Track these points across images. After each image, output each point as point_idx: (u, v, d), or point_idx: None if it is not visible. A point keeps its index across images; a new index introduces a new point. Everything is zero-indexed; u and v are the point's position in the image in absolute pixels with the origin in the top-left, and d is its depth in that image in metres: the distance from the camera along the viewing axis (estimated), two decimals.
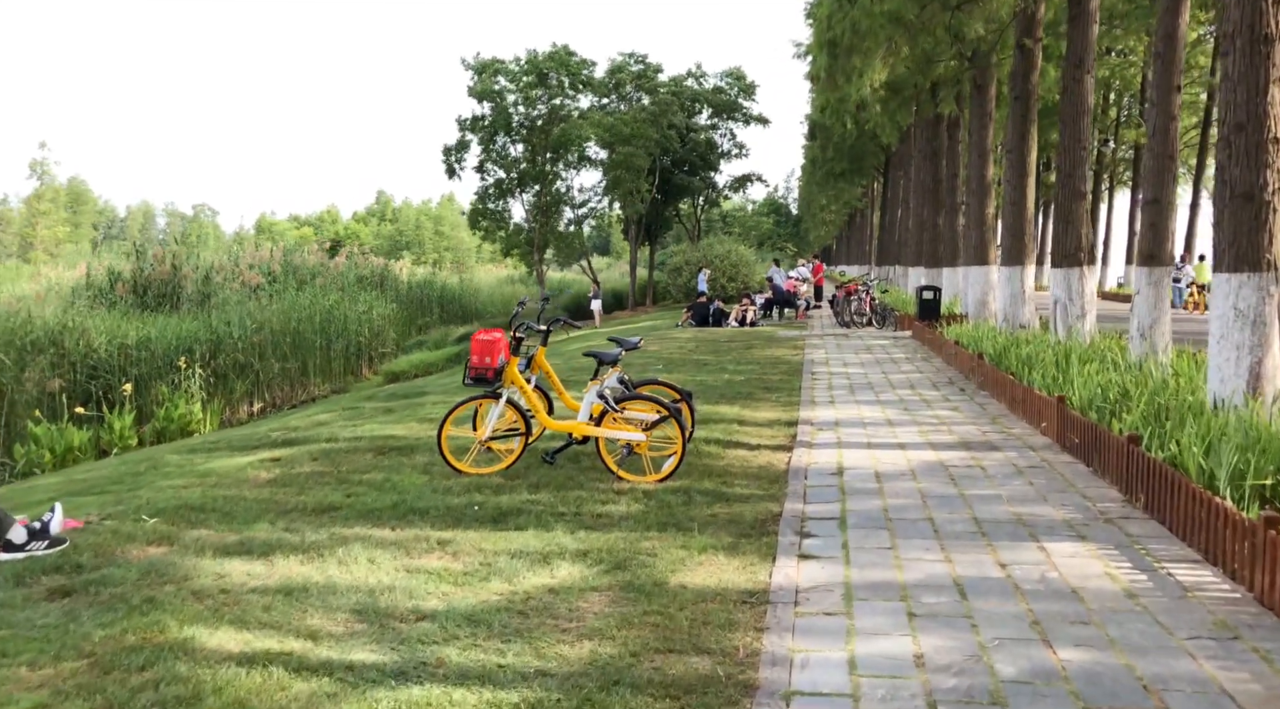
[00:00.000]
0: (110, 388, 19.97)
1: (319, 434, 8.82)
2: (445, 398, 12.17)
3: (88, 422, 17.90)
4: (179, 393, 20.15)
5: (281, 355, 27.32)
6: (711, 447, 8.01)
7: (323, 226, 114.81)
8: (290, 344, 27.83)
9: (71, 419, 17.56)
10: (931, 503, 6.09)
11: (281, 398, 26.87)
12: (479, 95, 34.08)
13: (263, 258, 35.27)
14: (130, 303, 25.30)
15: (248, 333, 24.57)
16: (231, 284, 31.66)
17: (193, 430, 19.20)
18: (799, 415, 9.75)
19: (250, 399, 24.41)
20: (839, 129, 37.51)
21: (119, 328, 21.72)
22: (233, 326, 24.22)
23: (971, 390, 11.41)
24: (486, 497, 6.19)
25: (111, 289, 25.25)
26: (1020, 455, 7.57)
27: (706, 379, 12.80)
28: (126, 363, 20.74)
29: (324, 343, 29.27)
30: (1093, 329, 12.68)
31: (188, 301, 26.91)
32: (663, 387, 7.65)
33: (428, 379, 21.20)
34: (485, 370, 6.69)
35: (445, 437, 6.80)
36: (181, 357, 20.63)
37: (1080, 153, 12.63)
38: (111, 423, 17.52)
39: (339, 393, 27.99)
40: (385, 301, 35.06)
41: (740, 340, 19.42)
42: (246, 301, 29.25)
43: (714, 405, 10.41)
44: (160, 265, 25.83)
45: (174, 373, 20.60)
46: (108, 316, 22.81)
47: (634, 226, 43.64)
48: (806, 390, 11.68)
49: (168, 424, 19.18)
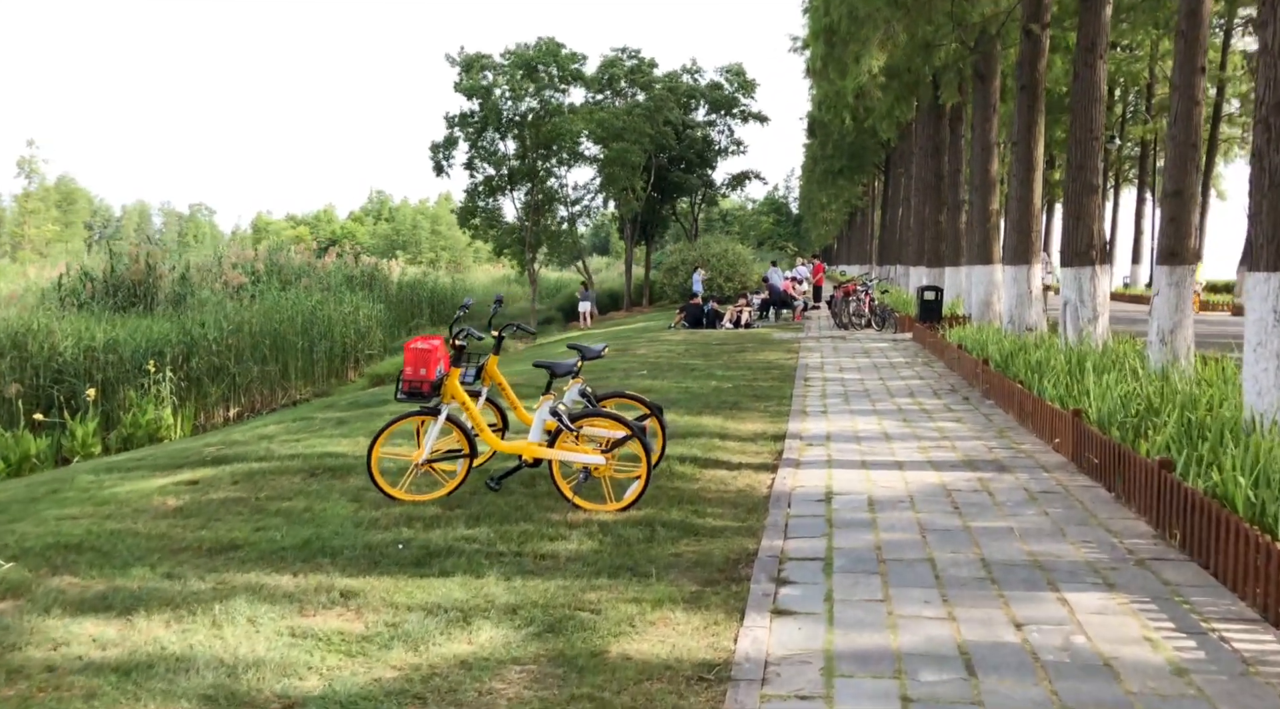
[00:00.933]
0: (75, 393, 19.13)
1: (254, 451, 7.98)
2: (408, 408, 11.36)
3: (49, 428, 17.09)
4: (147, 398, 19.32)
5: (261, 358, 26.48)
6: (686, 466, 7.17)
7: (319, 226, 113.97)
8: (270, 346, 26.99)
9: (29, 426, 16.73)
10: (932, 538, 5.24)
11: (261, 402, 26.04)
12: (466, 91, 33.20)
13: (247, 257, 34.42)
14: (103, 304, 24.47)
15: (224, 334, 23.74)
16: (214, 284, 30.87)
17: (163, 436, 18.37)
18: (787, 428, 8.90)
19: (226, 403, 23.58)
20: (838, 125, 36.72)
21: (86, 330, 20.88)
22: (208, 328, 23.37)
23: (976, 399, 10.56)
24: (416, 531, 5.35)
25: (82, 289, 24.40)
26: (1032, 477, 6.72)
27: (691, 386, 11.96)
28: (92, 367, 19.89)
29: (306, 344, 28.42)
30: (1105, 333, 11.83)
31: (163, 302, 26.05)
32: (630, 400, 6.81)
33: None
34: (420, 383, 5.85)
35: (377, 458, 5.96)
36: (150, 359, 19.79)
37: (1092, 143, 11.78)
38: (73, 429, 16.70)
39: (321, 396, 27.17)
40: (373, 302, 34.25)
41: (733, 343, 18.58)
42: (226, 302, 28.44)
43: (695, 416, 9.56)
44: (135, 265, 24.94)
45: (143, 377, 19.76)
46: (77, 318, 21.98)
47: (629, 225, 42.78)
48: (798, 399, 10.83)
49: (135, 431, 18.35)
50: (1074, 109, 11.99)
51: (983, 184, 17.62)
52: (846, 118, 33.42)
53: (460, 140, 33.88)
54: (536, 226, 35.65)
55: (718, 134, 44.77)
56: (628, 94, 41.42)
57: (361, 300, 33.79)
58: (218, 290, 29.99)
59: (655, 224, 47.09)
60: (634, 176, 38.23)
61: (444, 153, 33.82)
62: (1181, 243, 9.25)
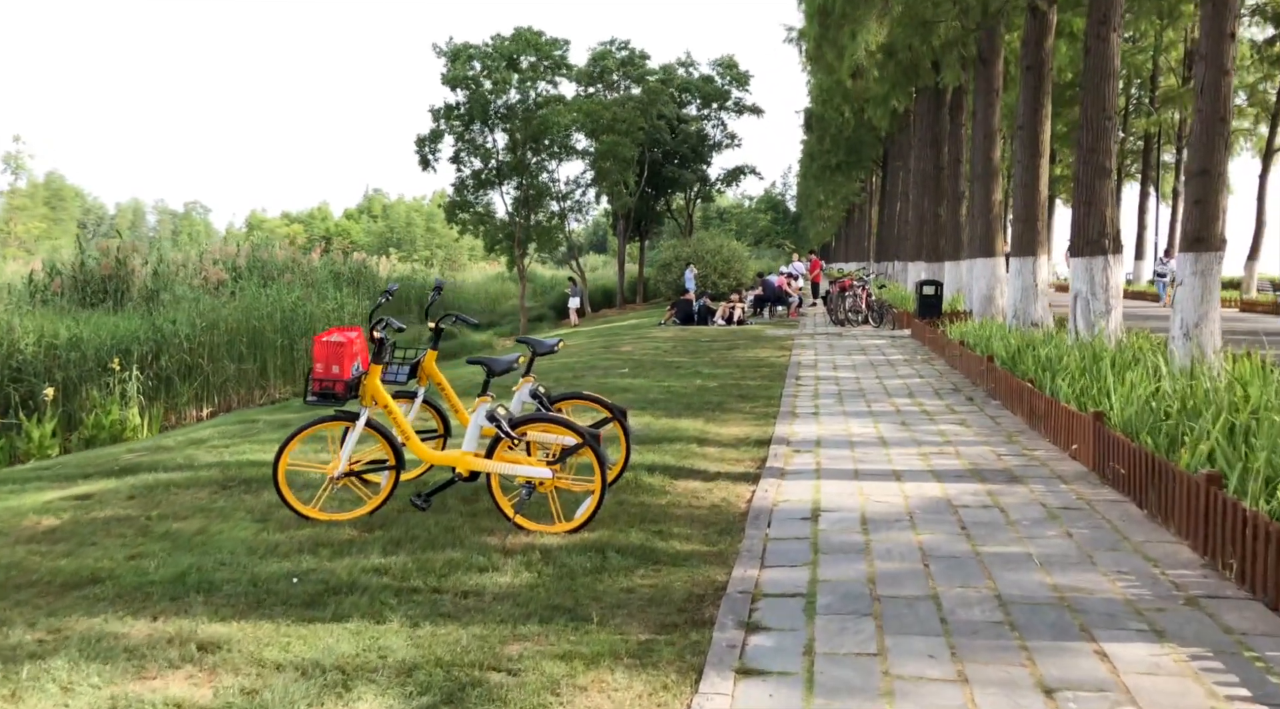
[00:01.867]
0: (34, 393, 18.25)
1: (172, 459, 7.11)
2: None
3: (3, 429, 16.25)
4: (110, 398, 18.44)
5: (237, 356, 25.61)
6: (655, 477, 6.30)
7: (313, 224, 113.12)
8: (248, 344, 26.10)
9: None
10: (937, 569, 4.38)
11: (238, 401, 25.15)
12: (451, 82, 32.24)
13: (229, 253, 33.52)
14: (71, 300, 23.57)
15: (197, 332, 22.86)
16: (193, 280, 30.00)
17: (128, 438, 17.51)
18: (774, 432, 8.04)
19: (199, 403, 22.70)
20: (836, 118, 35.90)
21: (48, 327, 19.99)
22: (179, 325, 22.47)
23: (981, 399, 9.70)
24: (320, 560, 4.48)
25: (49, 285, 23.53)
26: (1049, 490, 5.86)
27: (674, 385, 11.10)
28: (54, 365, 19.01)
29: (286, 342, 27.55)
30: (1119, 327, 10.97)
31: (135, 299, 25.14)
32: (589, 402, 5.93)
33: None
34: (333, 383, 4.98)
35: (285, 469, 5.09)
36: (115, 358, 18.91)
37: (1105, 124, 10.92)
38: (29, 430, 15.84)
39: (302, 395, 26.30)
40: (359, 299, 33.38)
41: (723, 340, 17.72)
42: (203, 298, 27.57)
43: (673, 419, 8.70)
44: (105, 259, 24.06)
45: (107, 375, 18.88)
46: (41, 315, 21.10)
47: (622, 221, 41.91)
48: (788, 399, 9.97)
49: (97, 432, 17.49)
50: (1085, 87, 11.13)
51: (985, 173, 16.77)
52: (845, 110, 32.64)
53: (446, 133, 32.94)
54: (527, 222, 34.75)
55: (712, 128, 43.93)
56: (620, 87, 40.55)
57: (347, 297, 32.95)
58: (197, 287, 29.13)
59: (649, 220, 46.23)
60: (626, 170, 37.33)
61: (429, 146, 32.88)
62: (1208, 227, 8.40)
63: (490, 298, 47.69)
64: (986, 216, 16.70)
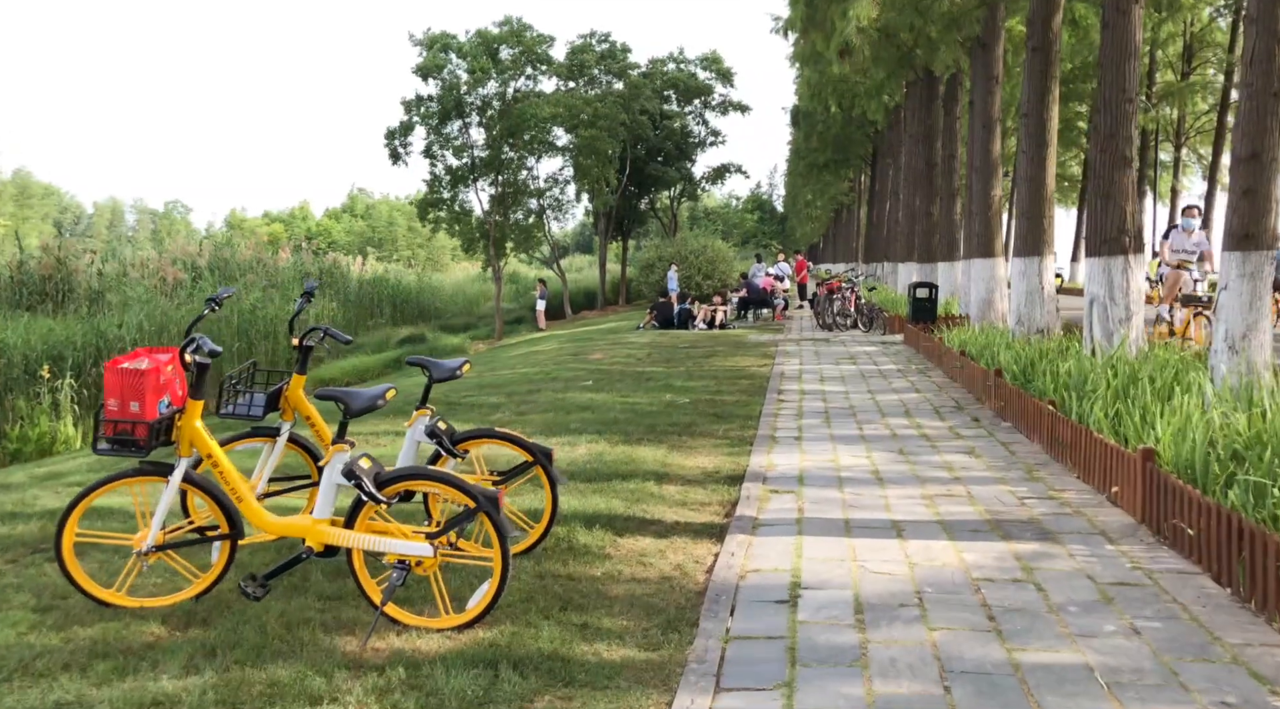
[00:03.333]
0: None
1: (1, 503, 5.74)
2: None
3: None
4: (39, 408, 17.01)
5: None
6: (596, 532, 5.00)
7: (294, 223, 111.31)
8: None
9: None
10: (962, 694, 3.09)
11: None
12: (424, 71, 30.80)
13: (189, 252, 32.02)
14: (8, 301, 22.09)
15: (143, 336, 21.44)
16: (150, 280, 28.52)
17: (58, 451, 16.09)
18: (749, 464, 6.74)
19: None
20: (823, 114, 34.69)
21: None
22: (124, 329, 21.04)
23: (989, 421, 8.43)
24: (86, 684, 3.15)
25: None
26: (1094, 553, 4.58)
27: (640, 402, 9.80)
28: None
29: (244, 347, 26.14)
30: (1140, 336, 9.74)
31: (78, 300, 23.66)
32: (504, 442, 4.59)
33: None
34: (131, 426, 3.66)
35: (72, 542, 3.77)
36: (45, 365, 17.50)
37: (1125, 107, 9.68)
38: None
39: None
40: (327, 300, 31.93)
41: (703, 346, 16.43)
42: (159, 300, 26.12)
43: (633, 446, 7.39)
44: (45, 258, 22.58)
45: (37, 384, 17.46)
46: None
47: (603, 220, 40.59)
48: (767, 419, 8.68)
49: (23, 445, 16.07)
50: (1103, 67, 9.89)
51: (984, 166, 15.53)
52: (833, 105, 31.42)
53: (418, 126, 31.51)
54: (504, 220, 33.37)
55: (696, 125, 42.66)
56: (602, 82, 39.22)
57: (316, 299, 31.52)
58: (153, 287, 27.65)
59: (632, 219, 44.92)
60: (606, 167, 36.01)
61: (400, 139, 31.45)
62: (1259, 222, 7.15)
63: (468, 299, 46.23)
64: (986, 213, 15.46)
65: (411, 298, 40.04)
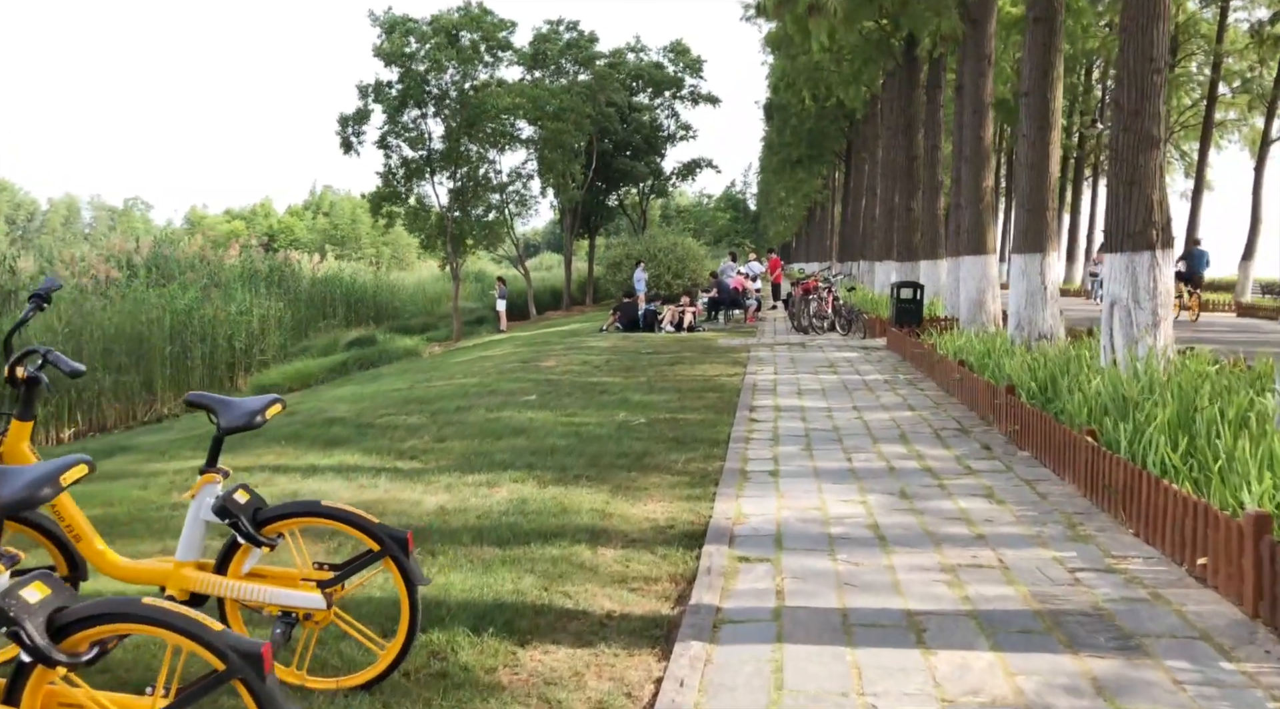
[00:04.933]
0: None
1: None
2: (148, 460, 7.57)
3: None
4: None
5: (116, 367, 22.33)
6: (489, 641, 3.50)
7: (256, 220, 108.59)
8: (128, 352, 22.83)
9: None
10: None
11: (115, 418, 21.90)
12: (386, 57, 29.01)
13: (124, 249, 30.03)
14: None
15: (58, 338, 19.65)
16: (82, 278, 26.57)
17: None
18: (712, 515, 5.27)
19: (58, 422, 19.44)
20: (796, 105, 33.38)
21: None
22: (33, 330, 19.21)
23: (1001, 448, 7.02)
24: None
25: None
26: (1207, 677, 3.15)
27: (588, 423, 8.30)
28: None
29: (178, 350, 24.29)
30: (1169, 346, 8.39)
31: None
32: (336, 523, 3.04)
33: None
34: None
35: None
36: None
37: (1153, 78, 8.32)
38: None
39: None
40: (274, 300, 30.05)
41: (669, 352, 14.97)
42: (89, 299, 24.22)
43: (567, 487, 5.89)
44: None
45: None
46: None
47: (569, 216, 39.00)
48: (737, 445, 7.22)
49: None
50: (1126, 32, 8.53)
51: (975, 154, 14.20)
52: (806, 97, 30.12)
53: (373, 114, 29.71)
54: (463, 216, 31.66)
55: (665, 118, 41.20)
56: (570, 72, 37.62)
57: (263, 298, 29.64)
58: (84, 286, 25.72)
59: (600, 216, 43.37)
60: (572, 161, 34.43)
61: (353, 127, 29.62)
62: None
63: (429, 299, 44.33)
64: (976, 206, 14.12)
65: (367, 297, 38.20)
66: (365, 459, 6.91)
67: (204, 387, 25.29)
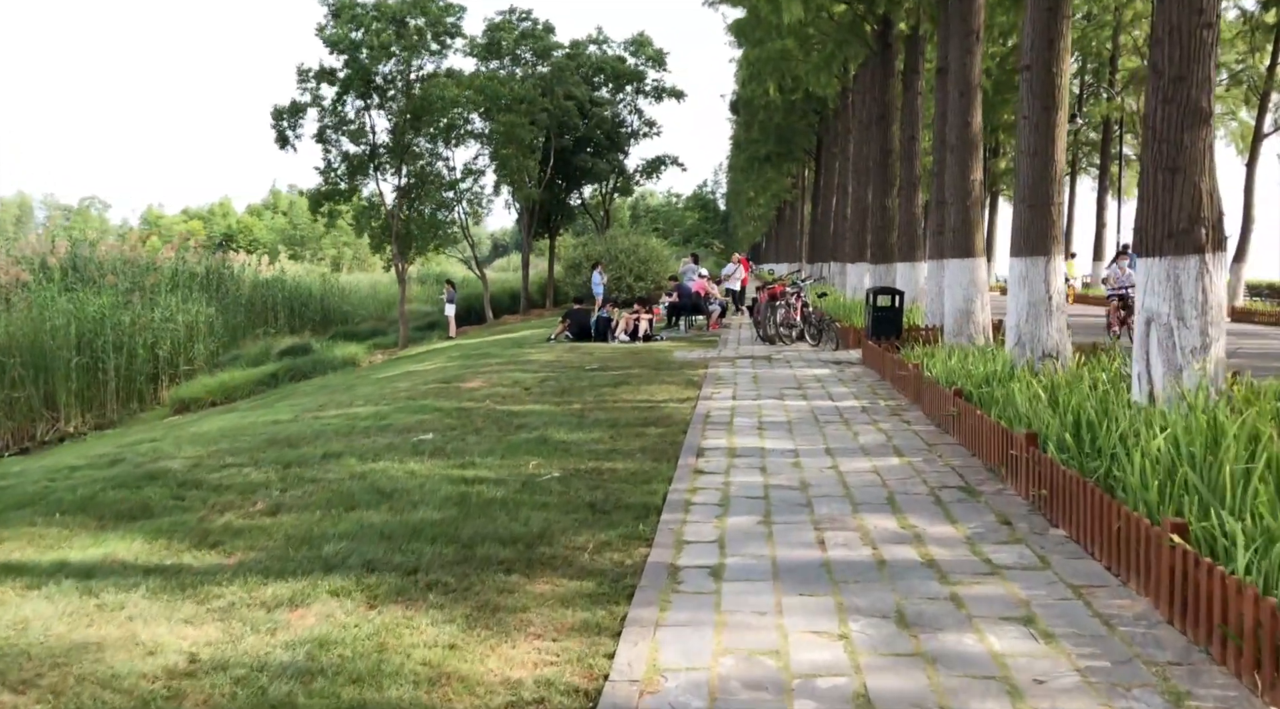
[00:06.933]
0: None
1: None
2: None
3: None
4: None
5: (10, 381, 20.09)
6: None
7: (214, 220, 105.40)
8: (24, 364, 20.58)
9: None
10: None
11: (12, 438, 19.65)
12: (332, 43, 26.76)
13: (37, 250, 27.64)
14: None
15: None
16: None
17: None
18: (609, 672, 3.38)
19: None
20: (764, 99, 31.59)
21: None
22: None
23: (1025, 521, 5.20)
24: None
25: None
26: None
27: (486, 477, 6.38)
28: None
29: (87, 361, 22.03)
30: (1221, 373, 6.64)
31: None
32: None
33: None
34: None
35: None
36: None
37: (1202, 33, 6.58)
38: None
39: (106, 427, 20.84)
40: (206, 305, 27.75)
41: (615, 367, 13.08)
42: None
43: (407, 607, 3.98)
44: None
45: None
46: None
47: (526, 215, 36.98)
48: (672, 517, 5.34)
49: None
50: None
51: (961, 142, 12.44)
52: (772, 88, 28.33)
53: (309, 106, 27.46)
54: (410, 214, 29.57)
55: (628, 114, 39.31)
56: (529, 64, 35.60)
57: (195, 303, 27.33)
58: None
59: (560, 215, 41.37)
60: (528, 157, 32.44)
61: (289, 120, 27.40)
62: None
63: (382, 303, 42.05)
64: (963, 202, 12.36)
65: (313, 301, 35.96)
66: (146, 549, 4.94)
67: (121, 400, 23.08)
